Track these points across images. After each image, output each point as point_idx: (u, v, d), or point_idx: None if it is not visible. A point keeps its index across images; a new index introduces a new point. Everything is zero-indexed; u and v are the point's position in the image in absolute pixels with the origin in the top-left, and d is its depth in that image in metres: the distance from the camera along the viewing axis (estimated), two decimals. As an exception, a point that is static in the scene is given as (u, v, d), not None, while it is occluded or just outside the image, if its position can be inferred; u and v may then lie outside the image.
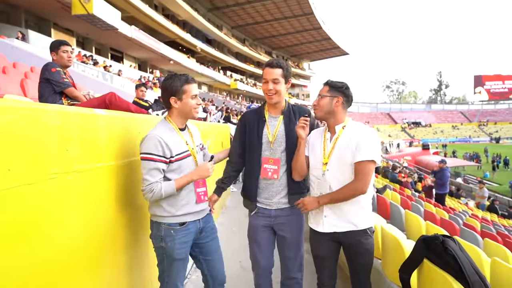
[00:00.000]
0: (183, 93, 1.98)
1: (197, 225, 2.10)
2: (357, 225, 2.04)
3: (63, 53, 3.26)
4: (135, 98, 6.26)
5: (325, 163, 2.08)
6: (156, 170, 1.86)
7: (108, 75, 14.40)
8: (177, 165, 1.95)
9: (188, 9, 30.09)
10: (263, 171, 2.29)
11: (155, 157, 1.85)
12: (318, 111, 2.12)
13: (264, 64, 2.32)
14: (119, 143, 1.92)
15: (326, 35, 50.79)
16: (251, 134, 2.35)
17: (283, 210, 2.32)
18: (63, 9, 18.05)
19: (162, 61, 29.46)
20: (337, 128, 2.10)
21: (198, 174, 2.01)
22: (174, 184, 1.92)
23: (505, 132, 65.35)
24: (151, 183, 1.85)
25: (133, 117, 2.15)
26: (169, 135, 1.94)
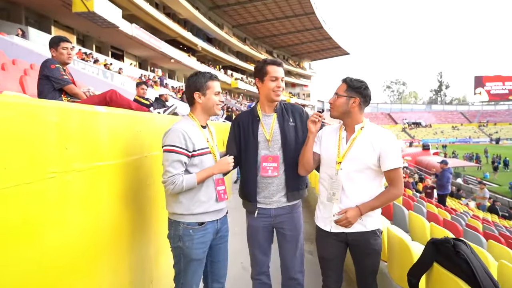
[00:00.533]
0: (207, 89, 2.02)
1: (215, 226, 2.08)
2: (366, 226, 2.01)
3: (63, 49, 3.21)
4: (136, 96, 6.21)
5: (339, 162, 2.04)
6: (179, 163, 1.87)
7: (108, 73, 14.35)
8: (199, 160, 1.96)
9: (189, 8, 30.01)
10: (262, 170, 2.26)
11: (178, 149, 1.87)
12: (333, 111, 2.08)
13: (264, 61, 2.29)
14: (120, 141, 1.87)
15: (327, 35, 50.73)
16: (246, 134, 2.32)
17: (283, 209, 2.31)
18: (64, 7, 17.97)
19: (163, 59, 29.39)
20: (356, 128, 2.05)
21: (219, 168, 2.03)
22: (195, 177, 1.92)
23: (505, 133, 65.38)
24: (174, 175, 1.85)
25: (135, 115, 2.11)
26: (192, 130, 1.97)
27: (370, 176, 2.01)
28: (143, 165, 2.13)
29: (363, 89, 2.02)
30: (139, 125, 2.12)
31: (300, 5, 39.94)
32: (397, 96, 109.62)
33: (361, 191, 2.00)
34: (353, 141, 2.03)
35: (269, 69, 2.25)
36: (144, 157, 2.14)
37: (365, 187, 2.00)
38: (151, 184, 2.20)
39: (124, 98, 2.90)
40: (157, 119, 2.43)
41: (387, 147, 1.95)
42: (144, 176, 2.15)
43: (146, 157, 2.18)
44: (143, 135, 2.14)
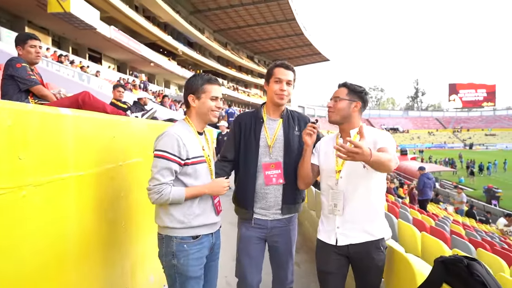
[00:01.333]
0: (203, 92, 1.87)
1: (210, 240, 1.91)
2: (373, 234, 1.90)
3: (31, 48, 2.94)
4: (113, 99, 5.88)
5: (338, 171, 1.95)
6: (168, 171, 1.71)
7: (85, 76, 13.80)
8: (193, 169, 1.80)
9: (170, 11, 29.68)
10: (266, 179, 2.13)
11: (169, 156, 1.71)
12: (334, 115, 1.98)
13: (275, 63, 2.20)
14: (90, 149, 1.64)
15: (308, 41, 51.29)
16: (247, 136, 2.18)
17: (280, 221, 2.18)
18: (39, 7, 17.33)
19: (143, 63, 28.83)
20: (352, 133, 1.97)
21: (211, 189, 1.85)
22: (184, 192, 1.75)
23: (477, 138, 67.91)
24: (161, 184, 1.69)
25: (108, 119, 1.89)
26: (187, 135, 1.81)
27: (372, 181, 1.90)
28: (117, 175, 1.91)
29: (364, 93, 1.99)
30: (113, 130, 1.89)
31: (281, 11, 40.21)
32: (375, 102, 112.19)
33: (364, 199, 1.90)
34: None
35: (275, 70, 2.15)
36: (118, 166, 1.92)
37: (368, 194, 1.90)
38: (127, 195, 1.98)
39: (98, 100, 2.67)
40: (134, 123, 2.20)
41: (378, 137, 1.88)
42: (119, 187, 1.93)
43: (121, 166, 1.95)
44: (118, 141, 1.92)
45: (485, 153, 50.13)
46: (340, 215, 1.92)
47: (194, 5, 36.22)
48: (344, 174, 1.92)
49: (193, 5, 36.27)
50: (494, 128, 72.80)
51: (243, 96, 48.66)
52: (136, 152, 2.11)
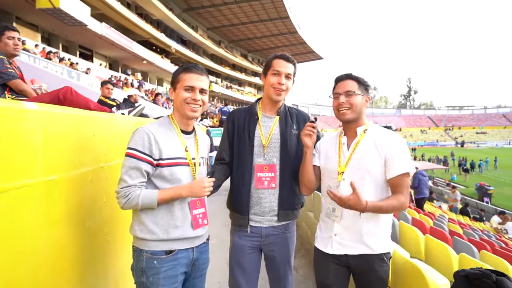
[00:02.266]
0: (178, 82, 1.65)
1: (189, 255, 1.65)
2: (372, 248, 1.71)
3: (8, 39, 2.74)
4: (101, 96, 5.64)
5: (341, 172, 1.77)
6: (137, 171, 1.50)
7: (74, 73, 13.47)
8: (169, 171, 1.57)
9: (163, 9, 29.33)
10: (257, 181, 1.94)
11: (139, 154, 1.50)
12: (350, 112, 1.77)
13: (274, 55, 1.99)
14: (64, 150, 1.45)
15: (302, 39, 51.14)
16: (241, 134, 2.00)
17: (275, 228, 1.99)
18: (27, 2, 16.91)
19: (135, 60, 28.43)
20: (358, 131, 1.79)
21: (190, 190, 1.59)
22: (157, 194, 1.53)
23: (469, 136, 68.64)
24: (129, 186, 1.49)
25: (87, 115, 1.69)
26: (164, 133, 1.60)
27: (377, 188, 1.72)
28: (97, 179, 1.71)
29: (369, 86, 1.84)
30: (92, 128, 1.69)
31: (275, 9, 39.98)
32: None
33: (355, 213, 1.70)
34: (356, 146, 1.77)
35: (274, 62, 1.96)
36: (99, 168, 1.72)
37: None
38: (110, 201, 1.78)
39: (81, 96, 2.48)
40: (118, 121, 1.99)
41: (393, 149, 1.69)
42: (100, 192, 1.74)
43: (102, 168, 1.76)
44: (98, 140, 1.73)
45: (476, 150, 50.63)
46: (338, 221, 1.75)
47: (188, 2, 35.89)
48: (347, 176, 1.75)
49: (187, 3, 35.94)
50: (485, 126, 73.69)
51: (236, 95, 48.43)
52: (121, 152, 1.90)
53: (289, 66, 1.95)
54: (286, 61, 1.95)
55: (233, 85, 50.89)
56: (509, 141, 64.05)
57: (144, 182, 1.54)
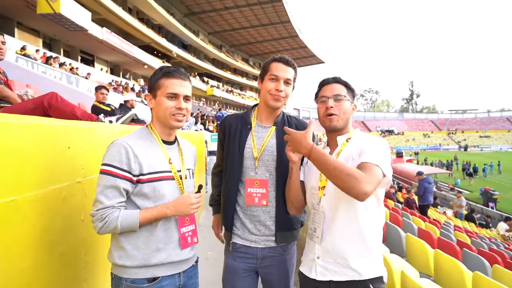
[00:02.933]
0: (158, 88, 1.46)
1: (175, 282, 1.47)
2: (360, 273, 1.47)
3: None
4: (95, 102, 5.49)
5: (321, 187, 1.56)
6: (114, 189, 1.32)
7: (73, 78, 13.36)
8: (150, 188, 1.39)
9: (164, 14, 29.44)
10: (247, 197, 1.76)
11: (115, 171, 1.32)
12: (338, 119, 1.57)
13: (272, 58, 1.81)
14: (29, 165, 1.26)
15: (303, 43, 51.20)
16: (231, 145, 1.83)
17: (273, 249, 1.79)
18: (28, 7, 16.93)
19: (136, 65, 28.47)
20: (340, 140, 1.59)
21: (175, 209, 1.41)
22: (137, 215, 1.35)
23: (472, 140, 68.28)
24: (105, 208, 1.30)
25: (61, 125, 1.50)
26: (143, 146, 1.41)
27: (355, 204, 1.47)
28: (73, 195, 1.54)
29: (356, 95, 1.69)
30: (67, 139, 1.52)
31: (276, 13, 40.05)
32: (371, 104, 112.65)
33: (351, 226, 1.49)
34: (337, 156, 1.56)
35: (272, 66, 1.77)
36: (76, 183, 1.55)
37: (356, 220, 1.49)
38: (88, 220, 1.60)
39: (67, 103, 2.33)
40: (99, 130, 1.84)
41: (365, 145, 1.49)
42: (76, 210, 1.57)
43: (80, 183, 1.59)
44: (74, 153, 1.56)
45: (480, 154, 50.28)
46: (319, 243, 1.55)
47: (189, 7, 36.04)
48: (328, 191, 1.54)
49: (188, 8, 36.09)
50: (488, 130, 73.27)
51: (237, 99, 48.45)
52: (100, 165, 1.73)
53: (289, 70, 1.76)
54: (286, 64, 1.75)
55: (234, 89, 50.94)
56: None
57: (123, 202, 1.35)
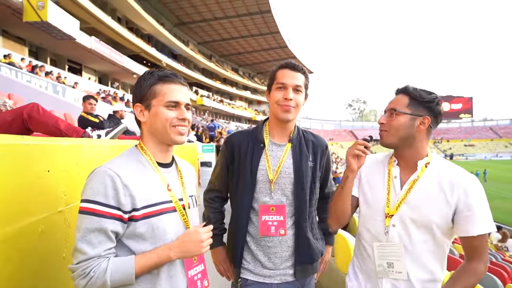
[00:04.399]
0: (153, 97, 1.16)
1: None
2: None
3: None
4: (82, 112, 5.16)
5: (390, 215, 1.34)
6: (100, 233, 1.02)
7: (60, 87, 12.96)
8: (147, 226, 1.09)
9: (154, 23, 29.33)
10: (262, 226, 1.54)
11: (99, 208, 1.02)
12: (388, 136, 1.37)
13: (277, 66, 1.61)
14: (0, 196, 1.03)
15: (292, 54, 51.56)
16: (241, 166, 1.59)
17: (290, 284, 1.57)
18: (14, 15, 16.53)
19: (125, 74, 28.11)
20: (419, 164, 1.36)
21: (181, 249, 1.11)
22: (133, 264, 1.04)
23: (457, 149, 69.55)
24: (88, 260, 1.00)
25: (37, 144, 1.24)
26: (134, 172, 1.12)
27: (430, 241, 1.32)
28: (53, 228, 1.31)
29: (435, 103, 1.35)
30: (46, 161, 1.29)
31: (265, 24, 40.33)
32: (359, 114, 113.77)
33: (419, 263, 1.31)
34: (413, 184, 1.34)
35: (278, 73, 1.57)
36: (56, 213, 1.33)
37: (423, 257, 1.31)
38: (71, 257, 1.39)
39: (50, 115, 2.12)
40: (86, 148, 1.61)
41: (472, 200, 1.26)
42: (56, 245, 1.34)
43: (61, 212, 1.36)
44: (55, 177, 1.35)
45: (465, 163, 51.00)
46: (405, 278, 1.31)
47: (179, 17, 36.04)
48: (397, 221, 1.33)
49: (178, 17, 36.08)
50: (472, 139, 74.76)
51: (228, 108, 48.34)
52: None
53: (297, 76, 1.55)
54: (293, 70, 1.55)
55: (224, 99, 50.83)
56: (496, 154, 64.94)
57: (111, 248, 1.05)
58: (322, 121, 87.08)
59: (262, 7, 36.21)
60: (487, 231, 1.26)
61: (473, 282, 1.26)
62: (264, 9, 36.49)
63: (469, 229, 1.26)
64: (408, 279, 1.31)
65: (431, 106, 1.34)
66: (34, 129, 2.13)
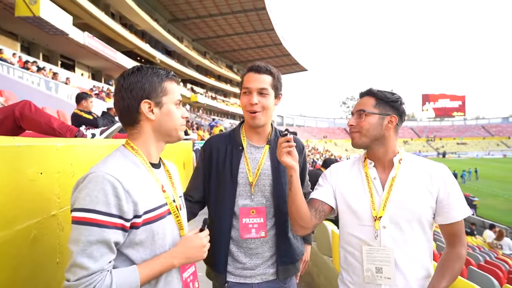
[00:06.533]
0: (164, 94, 1.13)
1: None
2: None
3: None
4: (76, 109, 4.94)
5: (378, 218, 1.33)
6: (102, 245, 0.94)
7: (52, 83, 12.75)
8: (147, 232, 1.04)
9: (148, 19, 29.07)
10: (242, 229, 1.54)
11: (101, 218, 0.95)
12: (359, 136, 1.39)
13: (245, 69, 1.59)
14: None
15: (286, 51, 51.53)
16: (221, 170, 1.58)
17: (271, 283, 1.58)
18: (5, 10, 16.35)
19: (119, 70, 27.82)
20: (395, 161, 1.40)
21: (185, 256, 1.10)
22: (137, 273, 0.99)
23: (450, 147, 70.32)
24: (90, 275, 0.91)
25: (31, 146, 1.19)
26: (134, 175, 1.05)
27: (421, 236, 1.34)
28: (46, 233, 1.26)
29: (400, 103, 1.41)
30: (39, 162, 1.23)
31: (260, 21, 40.21)
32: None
33: (414, 261, 1.32)
34: (393, 181, 1.36)
35: (244, 78, 1.56)
36: (49, 217, 1.27)
37: (418, 253, 1.33)
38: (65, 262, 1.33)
39: (42, 113, 2.05)
40: (81, 148, 1.55)
41: (450, 187, 1.33)
42: (50, 250, 1.29)
43: (54, 216, 1.30)
44: (48, 179, 1.29)
45: (457, 161, 51.61)
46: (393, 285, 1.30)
47: (173, 13, 35.76)
48: (387, 222, 1.33)
49: (172, 14, 35.81)
50: (465, 137, 75.60)
51: (221, 105, 48.26)
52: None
53: (261, 78, 1.52)
54: (257, 72, 1.53)
55: (218, 96, 50.70)
56: (488, 152, 65.72)
57: (111, 260, 0.98)
58: (316, 119, 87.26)
59: (257, 4, 36.07)
60: (467, 215, 1.33)
61: (459, 267, 1.32)
62: (259, 6, 36.36)
63: (452, 215, 1.31)
64: (406, 280, 1.31)
65: (395, 105, 1.40)
66: (26, 128, 2.07)
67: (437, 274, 1.29)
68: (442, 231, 1.38)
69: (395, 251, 1.31)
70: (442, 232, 1.38)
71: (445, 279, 1.26)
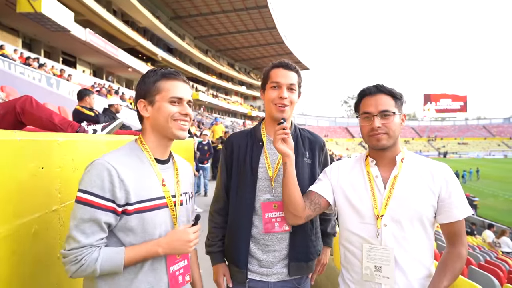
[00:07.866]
0: (157, 93, 1.21)
1: None
2: None
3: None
4: (77, 105, 4.92)
5: (380, 216, 1.32)
6: (94, 224, 1.06)
7: (54, 80, 12.76)
8: (138, 220, 1.13)
9: (150, 17, 29.03)
10: (266, 224, 1.55)
11: (95, 200, 1.06)
12: (389, 138, 1.35)
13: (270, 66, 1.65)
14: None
15: (288, 50, 51.47)
16: (241, 165, 1.60)
17: (286, 283, 1.58)
18: (7, 6, 16.34)
19: (120, 68, 27.85)
20: (397, 160, 1.39)
21: (169, 246, 1.17)
22: (123, 256, 1.09)
23: (451, 147, 70.26)
24: (81, 247, 1.04)
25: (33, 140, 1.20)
26: (131, 166, 1.15)
27: (422, 235, 1.33)
28: (47, 228, 1.26)
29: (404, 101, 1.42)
30: (40, 157, 1.23)
31: (262, 19, 40.13)
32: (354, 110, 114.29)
33: (415, 260, 1.32)
34: (395, 180, 1.36)
35: (272, 73, 1.59)
36: (50, 212, 1.28)
37: (419, 252, 1.32)
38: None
39: (43, 108, 2.05)
40: (82, 144, 1.56)
41: (452, 187, 1.32)
42: (50, 245, 1.29)
43: (56, 211, 1.31)
44: (49, 174, 1.29)
45: (458, 161, 51.54)
46: (392, 284, 1.29)
47: (175, 11, 35.71)
48: (389, 220, 1.32)
49: (174, 11, 35.76)
50: (466, 137, 75.51)
51: (223, 103, 48.23)
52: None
53: (290, 74, 1.58)
54: (286, 69, 1.59)
55: (219, 94, 50.67)
56: (489, 152, 65.65)
57: (104, 238, 1.09)
58: (317, 118, 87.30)
59: (259, 2, 35.98)
60: (468, 214, 1.33)
61: (460, 266, 1.31)
62: (261, 4, 36.27)
63: (453, 214, 1.31)
64: (407, 279, 1.30)
65: (403, 103, 1.41)
66: (27, 123, 2.06)
67: (438, 273, 1.29)
68: (443, 231, 1.38)
69: (396, 250, 1.30)
70: (443, 231, 1.37)
71: (446, 279, 1.26)
